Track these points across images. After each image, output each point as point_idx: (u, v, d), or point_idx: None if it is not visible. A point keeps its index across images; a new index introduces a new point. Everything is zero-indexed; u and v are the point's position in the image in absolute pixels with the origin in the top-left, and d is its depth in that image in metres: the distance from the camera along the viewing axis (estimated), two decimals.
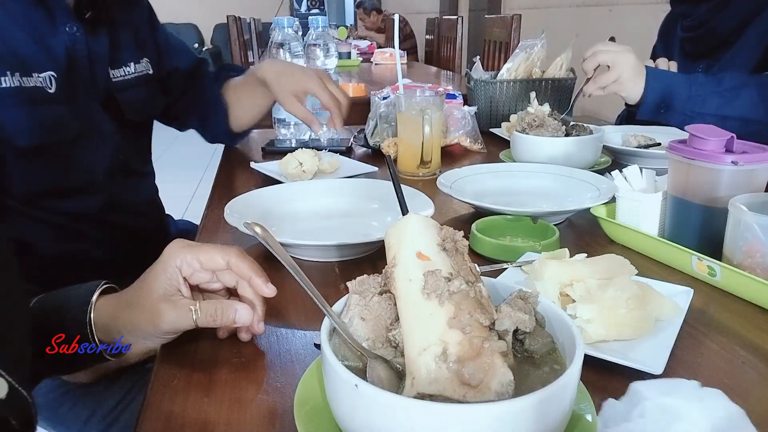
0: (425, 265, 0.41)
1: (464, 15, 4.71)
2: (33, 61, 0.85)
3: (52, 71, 0.86)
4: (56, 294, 0.60)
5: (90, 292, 0.58)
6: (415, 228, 0.43)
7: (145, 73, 1.08)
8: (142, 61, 1.08)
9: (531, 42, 1.56)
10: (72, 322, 0.57)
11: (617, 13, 3.91)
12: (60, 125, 0.88)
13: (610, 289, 0.57)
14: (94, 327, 0.58)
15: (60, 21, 0.90)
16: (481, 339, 0.38)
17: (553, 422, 0.36)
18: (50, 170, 0.89)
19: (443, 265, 0.41)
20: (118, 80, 1.01)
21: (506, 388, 0.36)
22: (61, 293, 0.60)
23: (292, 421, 0.44)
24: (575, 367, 0.37)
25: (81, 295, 0.58)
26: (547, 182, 1.02)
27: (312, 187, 0.97)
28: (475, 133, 1.38)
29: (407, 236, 0.42)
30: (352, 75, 3.03)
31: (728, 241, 0.70)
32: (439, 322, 0.38)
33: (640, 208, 0.81)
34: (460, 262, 0.43)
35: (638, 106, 1.24)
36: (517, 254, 0.73)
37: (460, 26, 3.58)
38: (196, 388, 0.52)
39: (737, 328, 0.62)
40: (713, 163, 0.72)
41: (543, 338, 0.42)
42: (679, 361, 0.55)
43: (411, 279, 0.40)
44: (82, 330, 0.58)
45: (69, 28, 0.90)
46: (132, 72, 1.05)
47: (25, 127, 0.83)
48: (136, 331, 0.57)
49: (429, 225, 0.43)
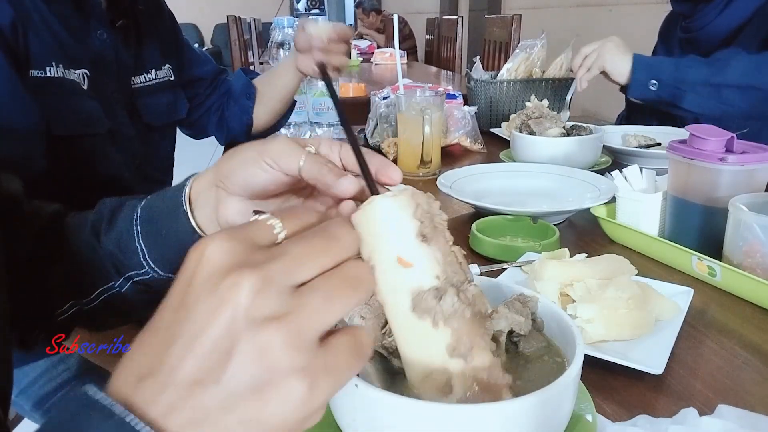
0: (409, 274, 0.35)
1: (464, 15, 4.71)
2: (72, 56, 0.87)
3: (86, 69, 0.89)
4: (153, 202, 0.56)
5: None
6: (389, 221, 0.35)
7: (166, 79, 1.10)
8: (164, 68, 1.10)
9: (531, 42, 1.56)
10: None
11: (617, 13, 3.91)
12: (93, 119, 0.90)
13: (610, 289, 0.57)
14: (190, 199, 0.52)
15: (94, 25, 0.93)
16: (485, 371, 0.36)
17: (554, 422, 0.36)
18: (76, 165, 0.91)
19: (429, 265, 0.36)
20: (138, 86, 1.04)
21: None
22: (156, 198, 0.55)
23: None
24: (575, 367, 0.37)
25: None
26: (547, 182, 1.02)
27: None
28: (475, 133, 1.38)
29: (381, 234, 0.35)
30: (352, 75, 3.02)
31: (728, 241, 0.70)
32: (436, 347, 0.36)
33: (640, 208, 0.81)
34: (444, 249, 0.37)
35: (628, 87, 1.23)
36: (517, 254, 0.73)
37: (460, 26, 3.57)
38: None
39: (737, 328, 0.62)
40: (713, 163, 0.72)
41: (538, 342, 0.42)
42: (679, 361, 0.55)
43: (396, 290, 0.36)
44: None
45: (100, 35, 0.93)
46: (153, 78, 1.07)
47: (63, 116, 0.85)
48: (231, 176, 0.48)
49: (403, 210, 0.36)
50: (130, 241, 0.53)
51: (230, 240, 0.28)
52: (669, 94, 1.17)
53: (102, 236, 0.56)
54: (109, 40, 0.95)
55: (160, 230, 0.52)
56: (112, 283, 0.56)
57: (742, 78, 1.11)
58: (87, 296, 0.57)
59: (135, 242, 0.53)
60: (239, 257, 0.27)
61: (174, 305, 0.28)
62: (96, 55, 0.92)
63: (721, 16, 1.31)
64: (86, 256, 0.56)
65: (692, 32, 1.39)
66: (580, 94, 1.36)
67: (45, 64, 0.83)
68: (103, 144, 0.93)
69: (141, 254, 0.53)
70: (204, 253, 0.27)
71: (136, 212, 0.54)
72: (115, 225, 0.55)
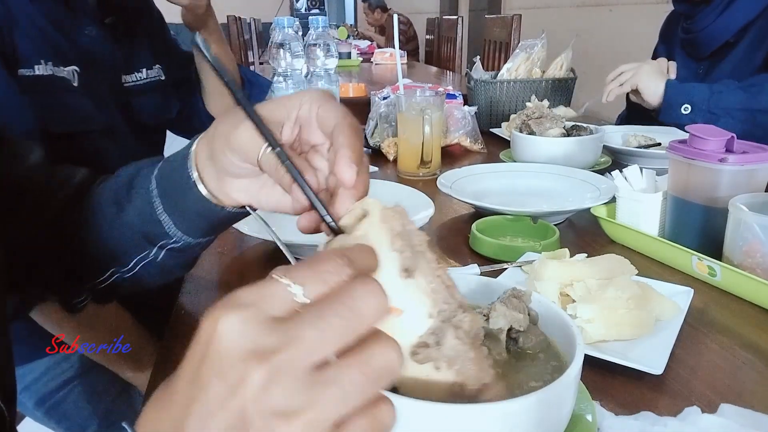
0: (400, 322, 0.32)
1: (464, 15, 4.71)
2: (62, 53, 0.87)
3: (76, 66, 0.89)
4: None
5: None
6: (380, 259, 0.32)
7: (157, 79, 1.10)
8: (155, 68, 1.10)
9: (531, 42, 1.56)
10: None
11: (617, 13, 3.91)
12: (86, 116, 0.90)
13: (610, 289, 0.57)
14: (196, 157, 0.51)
15: (83, 22, 0.92)
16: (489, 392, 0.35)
17: (553, 422, 0.36)
18: (75, 164, 0.91)
19: (419, 305, 0.32)
20: (130, 85, 1.04)
21: None
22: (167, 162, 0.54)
23: None
24: (575, 367, 0.37)
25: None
26: (547, 182, 1.02)
27: None
28: (475, 133, 1.38)
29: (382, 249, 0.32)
30: (352, 75, 3.02)
31: (728, 241, 0.70)
32: (441, 387, 0.34)
33: (640, 208, 0.81)
34: (429, 275, 0.33)
35: (659, 110, 1.24)
36: (517, 254, 0.73)
37: (460, 26, 3.58)
38: None
39: (737, 328, 0.62)
40: (713, 163, 0.72)
41: (536, 336, 0.43)
42: (679, 361, 0.55)
43: (404, 310, 0.32)
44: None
45: (89, 32, 0.93)
46: (144, 78, 1.07)
47: (56, 114, 0.85)
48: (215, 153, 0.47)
49: (380, 246, 0.32)
50: (152, 213, 0.53)
51: (244, 320, 0.26)
52: (702, 119, 1.18)
53: (125, 207, 0.56)
54: (98, 37, 0.94)
55: (177, 203, 0.52)
56: (146, 252, 0.57)
57: None
58: (125, 265, 0.58)
59: (157, 214, 0.53)
60: (251, 342, 0.25)
61: (188, 378, 0.27)
62: (85, 52, 0.91)
63: (722, 17, 1.31)
64: (114, 226, 0.56)
65: (693, 33, 1.40)
66: (580, 94, 1.36)
67: (33, 62, 0.82)
68: (100, 142, 0.93)
69: (167, 225, 0.53)
70: (216, 330, 0.26)
71: (151, 184, 0.54)
72: (135, 197, 0.55)
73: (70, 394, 0.94)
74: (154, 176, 0.54)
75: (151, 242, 0.56)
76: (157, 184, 0.53)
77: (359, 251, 0.30)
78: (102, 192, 0.59)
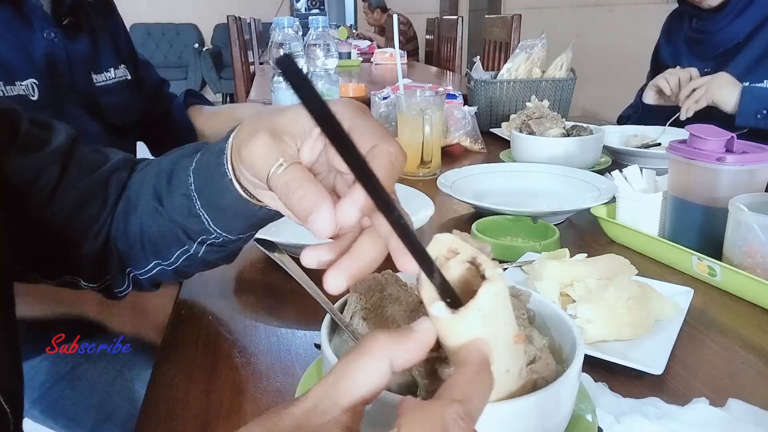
0: (522, 348, 0.33)
1: (464, 15, 4.70)
2: (15, 69, 0.85)
3: (34, 78, 0.87)
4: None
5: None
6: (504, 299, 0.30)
7: (124, 78, 1.10)
8: (121, 67, 1.09)
9: (531, 42, 1.56)
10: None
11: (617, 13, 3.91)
12: None
13: (610, 289, 0.57)
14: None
15: (37, 27, 0.90)
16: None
17: (553, 422, 0.36)
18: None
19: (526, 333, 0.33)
20: (101, 85, 1.03)
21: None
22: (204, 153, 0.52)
23: None
24: (575, 367, 0.37)
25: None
26: (547, 182, 1.02)
27: None
28: (475, 133, 1.38)
29: (498, 317, 0.30)
30: (352, 75, 3.02)
31: (728, 241, 0.70)
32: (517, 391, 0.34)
33: (640, 208, 0.81)
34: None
35: (735, 115, 1.25)
36: (517, 254, 0.73)
37: (460, 26, 3.57)
38: (196, 388, 0.52)
39: (737, 328, 0.62)
40: (713, 163, 0.72)
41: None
42: (679, 361, 0.55)
43: (508, 370, 0.32)
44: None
45: (47, 34, 0.91)
46: (113, 77, 1.06)
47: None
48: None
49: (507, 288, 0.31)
50: (192, 208, 0.52)
51: None
52: None
53: (165, 201, 0.55)
54: (57, 39, 0.92)
55: (215, 201, 0.50)
56: (186, 247, 0.56)
57: None
58: (168, 258, 0.58)
59: (196, 210, 0.52)
60: None
61: None
62: (46, 56, 0.90)
63: (735, 23, 1.32)
64: (155, 219, 0.56)
65: (703, 34, 1.40)
66: (580, 94, 1.36)
67: None
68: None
69: (206, 221, 0.52)
70: None
71: (189, 178, 0.52)
72: (175, 191, 0.54)
73: (65, 390, 0.94)
74: (192, 170, 0.52)
75: (189, 237, 0.55)
76: (195, 178, 0.51)
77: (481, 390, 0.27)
78: (143, 182, 0.58)
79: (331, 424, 0.25)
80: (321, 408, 0.25)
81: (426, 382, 0.35)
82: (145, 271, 0.61)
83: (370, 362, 0.26)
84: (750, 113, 1.22)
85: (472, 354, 0.28)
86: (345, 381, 0.26)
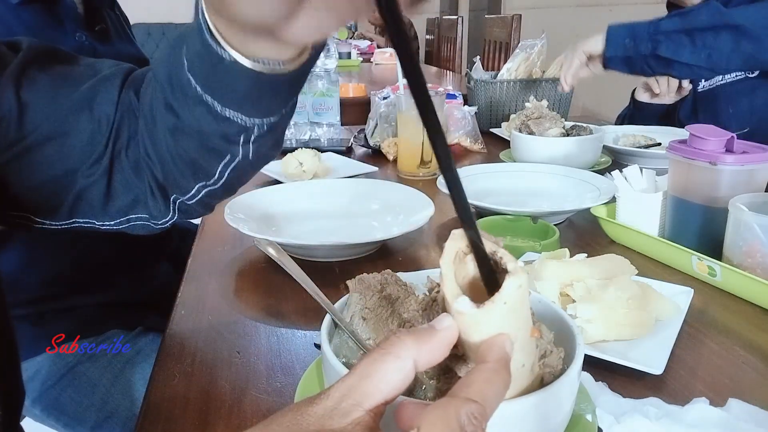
0: (536, 341, 0.34)
1: (464, 15, 4.70)
2: None
3: None
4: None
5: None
6: (525, 294, 0.30)
7: None
8: None
9: (531, 42, 1.56)
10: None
11: (617, 13, 3.91)
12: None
13: (610, 289, 0.57)
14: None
15: (69, 29, 0.93)
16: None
17: (553, 422, 0.36)
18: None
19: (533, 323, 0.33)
20: None
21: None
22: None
23: None
24: (575, 367, 0.37)
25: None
26: (547, 182, 1.02)
27: (312, 187, 0.97)
28: (475, 133, 1.38)
29: (519, 312, 0.30)
30: (352, 75, 3.02)
31: (728, 241, 0.70)
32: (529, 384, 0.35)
33: (640, 208, 0.81)
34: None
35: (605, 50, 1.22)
36: (517, 254, 0.73)
37: (460, 26, 3.57)
38: (196, 388, 0.52)
39: (737, 328, 0.62)
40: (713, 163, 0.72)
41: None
42: (679, 361, 0.55)
43: (524, 365, 0.33)
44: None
45: (78, 37, 0.94)
46: None
47: None
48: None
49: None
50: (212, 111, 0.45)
51: None
52: (645, 47, 1.16)
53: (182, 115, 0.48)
54: (87, 42, 0.95)
55: (231, 92, 0.44)
56: (229, 156, 0.49)
57: (711, 19, 1.10)
58: (211, 176, 0.52)
59: (217, 111, 0.45)
60: None
61: None
62: None
63: None
64: (179, 136, 0.49)
65: None
66: (580, 94, 1.36)
67: None
68: None
69: (238, 119, 0.46)
70: None
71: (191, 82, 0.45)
72: (187, 102, 0.46)
73: (66, 388, 0.94)
74: (187, 69, 0.44)
75: (232, 142, 0.48)
76: (196, 79, 0.44)
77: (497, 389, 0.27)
78: (153, 97, 0.50)
79: (353, 424, 0.25)
80: (343, 408, 0.25)
81: (433, 382, 0.35)
82: (191, 195, 0.55)
83: (395, 363, 0.26)
84: (617, 42, 1.19)
85: (493, 350, 0.28)
86: (368, 382, 0.26)
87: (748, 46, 1.08)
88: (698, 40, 1.11)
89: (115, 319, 1.00)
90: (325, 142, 1.38)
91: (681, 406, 0.45)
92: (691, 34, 1.11)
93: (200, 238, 0.86)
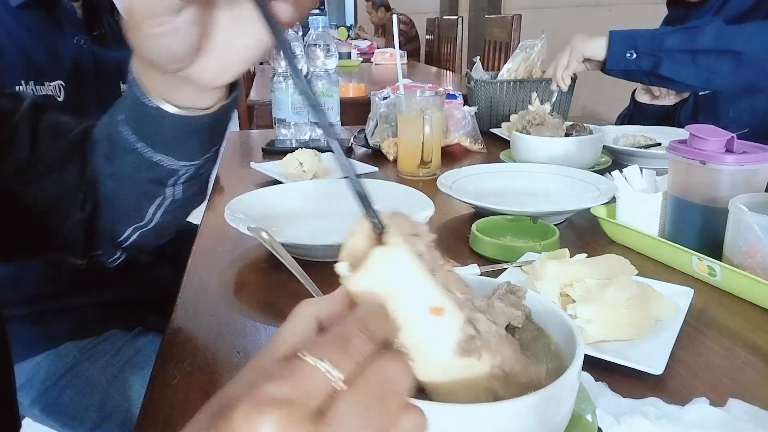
0: (443, 320, 0.33)
1: (464, 15, 4.70)
2: (45, 69, 0.88)
3: (61, 80, 0.90)
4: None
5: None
6: (406, 270, 0.32)
7: None
8: None
9: (531, 42, 1.56)
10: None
11: (617, 13, 3.91)
12: None
13: (610, 289, 0.57)
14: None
15: (68, 32, 0.93)
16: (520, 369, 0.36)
17: (553, 422, 0.36)
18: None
19: (449, 300, 0.33)
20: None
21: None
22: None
23: None
24: (575, 367, 0.37)
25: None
26: (547, 182, 1.02)
27: (312, 187, 0.97)
28: (475, 133, 1.38)
29: (402, 288, 0.32)
30: (352, 75, 3.02)
31: (728, 241, 0.70)
32: (482, 375, 0.35)
33: (640, 208, 0.81)
34: (442, 269, 0.35)
35: (606, 61, 1.22)
36: (517, 254, 0.73)
37: (460, 26, 3.58)
38: (196, 387, 0.52)
39: (737, 328, 0.62)
40: (713, 163, 0.72)
41: (531, 332, 0.43)
42: (679, 361, 0.55)
43: (433, 342, 0.33)
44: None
45: (77, 40, 0.94)
46: None
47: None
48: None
49: (410, 252, 0.32)
50: (146, 154, 0.52)
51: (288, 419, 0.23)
52: (647, 63, 1.16)
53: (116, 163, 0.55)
54: (86, 46, 0.96)
55: (159, 136, 0.51)
56: (160, 198, 0.56)
57: (715, 42, 1.10)
58: (141, 219, 0.58)
59: (148, 157, 0.52)
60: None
61: None
62: (73, 61, 0.93)
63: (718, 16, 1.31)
64: (117, 181, 0.56)
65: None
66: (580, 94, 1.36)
67: (14, 83, 0.83)
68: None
69: (165, 162, 0.53)
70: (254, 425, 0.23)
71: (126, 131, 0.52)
72: (119, 151, 0.54)
73: (65, 388, 0.94)
74: (123, 122, 0.52)
75: (161, 184, 0.55)
76: (130, 126, 0.52)
77: (377, 319, 0.30)
78: (94, 147, 0.58)
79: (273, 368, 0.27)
80: (261, 366, 0.28)
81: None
82: (125, 238, 0.61)
83: (298, 321, 0.30)
84: (619, 54, 1.18)
85: (367, 298, 0.31)
86: (277, 339, 0.29)
87: (748, 73, 1.08)
88: (701, 61, 1.11)
89: (115, 319, 1.00)
90: (325, 142, 1.38)
91: (681, 406, 0.45)
92: (693, 55, 1.11)
93: (200, 238, 0.86)
